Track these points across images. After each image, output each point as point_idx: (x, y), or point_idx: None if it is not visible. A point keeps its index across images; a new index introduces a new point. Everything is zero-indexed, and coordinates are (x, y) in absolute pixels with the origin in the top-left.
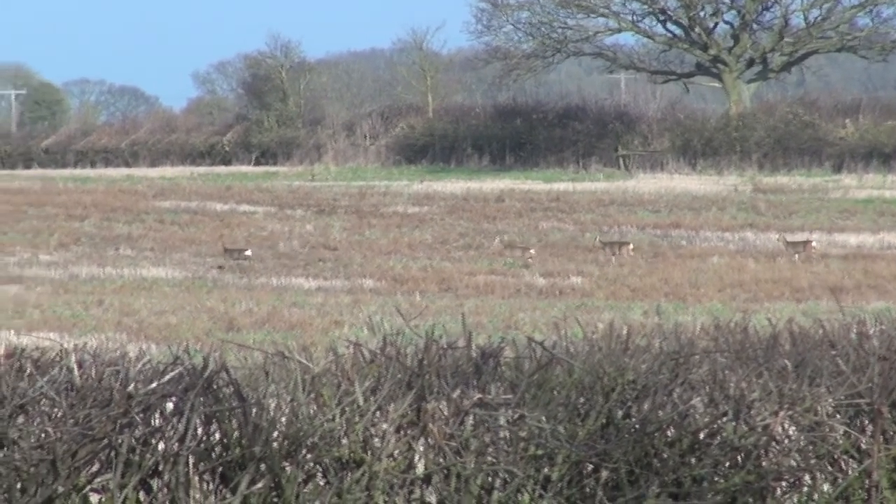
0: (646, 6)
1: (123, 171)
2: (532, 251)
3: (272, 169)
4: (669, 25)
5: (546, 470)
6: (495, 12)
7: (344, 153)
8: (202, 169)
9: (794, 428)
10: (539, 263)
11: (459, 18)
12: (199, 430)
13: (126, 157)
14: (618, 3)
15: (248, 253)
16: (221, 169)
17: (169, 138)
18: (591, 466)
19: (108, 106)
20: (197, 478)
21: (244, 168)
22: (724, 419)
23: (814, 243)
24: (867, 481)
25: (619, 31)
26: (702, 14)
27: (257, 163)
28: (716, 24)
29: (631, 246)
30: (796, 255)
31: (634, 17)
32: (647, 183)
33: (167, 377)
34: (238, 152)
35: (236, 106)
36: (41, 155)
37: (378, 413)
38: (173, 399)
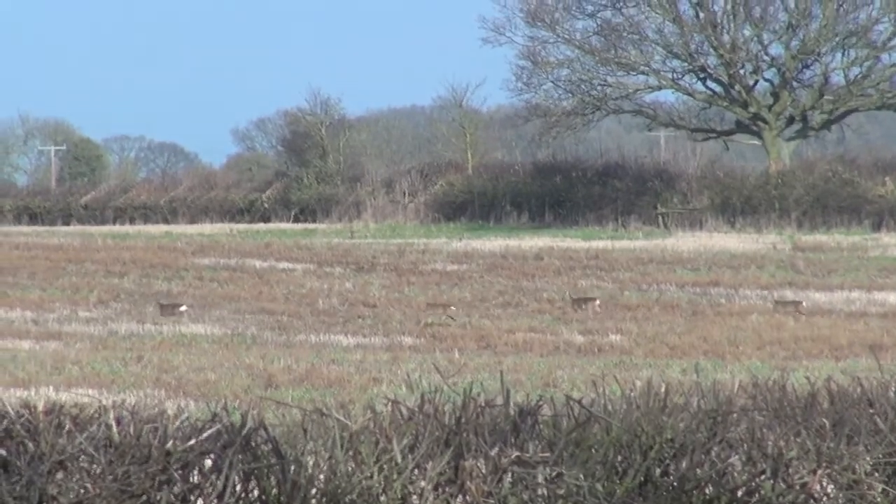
0: (686, 64)
1: (162, 227)
2: (452, 308)
3: (311, 226)
4: (709, 83)
5: None
6: (535, 70)
7: (383, 210)
8: (241, 226)
9: (832, 486)
10: (578, 321)
11: (500, 76)
12: (238, 487)
13: (165, 213)
14: (658, 61)
15: (183, 308)
16: (260, 226)
17: (208, 195)
18: None
19: (148, 162)
20: None
21: (283, 225)
22: (763, 477)
23: (803, 304)
24: None
25: (659, 88)
26: (742, 72)
27: (296, 220)
28: (756, 81)
29: (597, 302)
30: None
31: (674, 75)
32: (686, 241)
33: (206, 434)
34: (277, 209)
35: (276, 163)
36: (80, 211)
37: (416, 471)
38: (212, 456)
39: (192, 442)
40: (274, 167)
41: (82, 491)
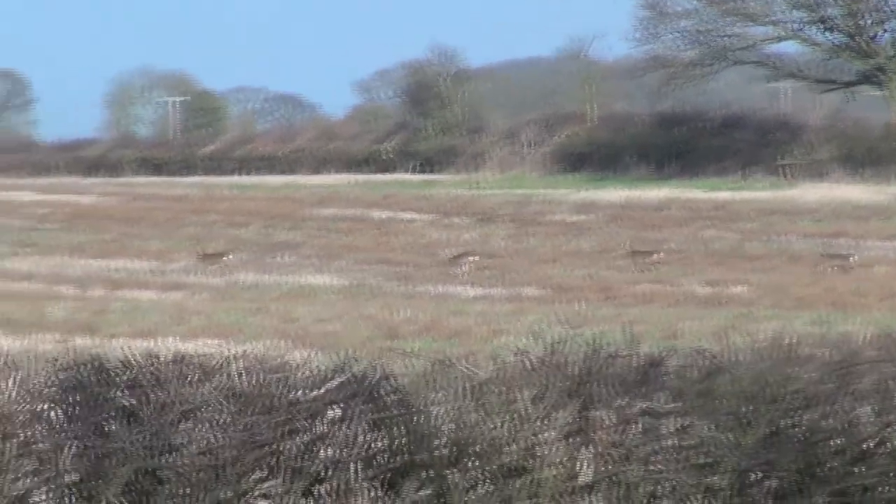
0: (808, 14)
1: (283, 178)
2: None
3: (432, 177)
4: (832, 34)
5: (712, 478)
6: (657, 20)
7: (505, 161)
8: (362, 177)
9: None
10: (701, 272)
11: (621, 26)
12: (364, 437)
13: (286, 164)
14: (780, 12)
15: (227, 258)
16: (382, 177)
17: (329, 146)
18: (757, 475)
19: (269, 114)
20: (362, 484)
21: (404, 176)
22: (892, 429)
23: (854, 257)
24: None
25: (782, 39)
26: (865, 22)
27: (418, 171)
28: (879, 32)
29: (660, 254)
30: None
31: (797, 26)
32: (809, 192)
33: (331, 384)
34: (398, 160)
35: (397, 114)
36: (202, 162)
37: (543, 421)
38: (338, 406)
39: (318, 392)
40: (395, 118)
41: (208, 441)
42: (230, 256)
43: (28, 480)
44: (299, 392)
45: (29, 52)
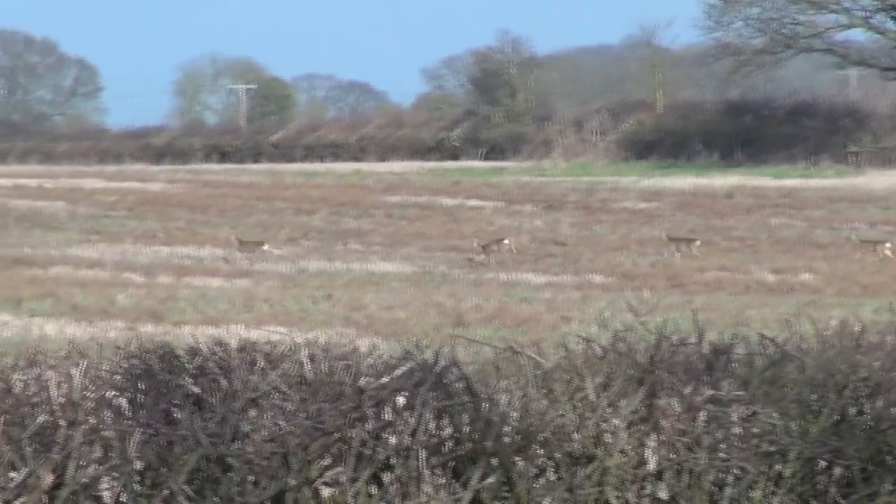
0: (877, 2)
1: (352, 165)
2: (505, 241)
3: (500, 164)
4: None
5: (778, 466)
6: (726, 8)
7: (572, 149)
8: (430, 164)
9: None
10: (769, 259)
11: (689, 14)
12: (431, 425)
13: (354, 151)
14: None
15: (266, 247)
16: (449, 164)
17: (397, 133)
18: (823, 463)
19: (337, 101)
20: (428, 472)
21: (472, 163)
22: None
23: (697, 243)
24: None
25: (850, 27)
26: None
27: (485, 158)
28: None
29: (698, 243)
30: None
31: (866, 13)
32: (877, 179)
33: (399, 371)
34: (466, 147)
35: (465, 101)
36: (270, 149)
37: (609, 409)
38: (405, 393)
39: (385, 379)
40: (463, 106)
41: (275, 428)
42: (267, 246)
43: (95, 468)
44: (366, 379)
45: (98, 39)
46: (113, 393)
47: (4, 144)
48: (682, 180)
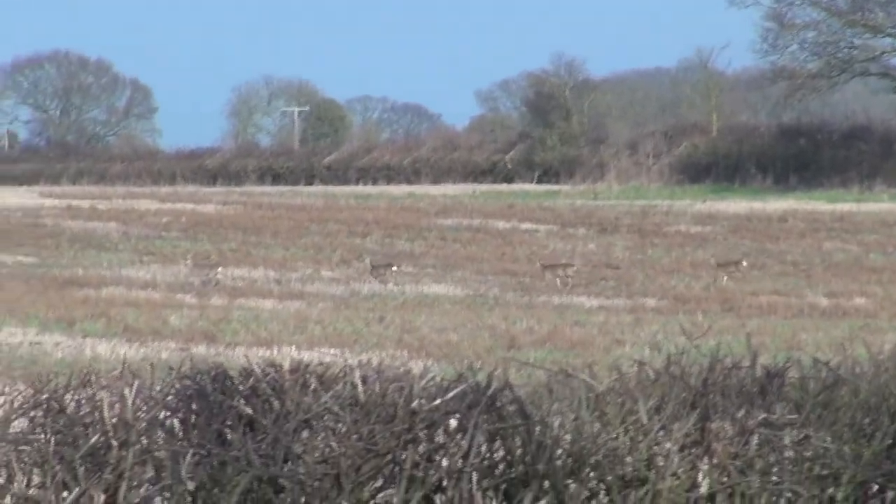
0: None
1: (405, 188)
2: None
3: (554, 187)
4: None
5: (831, 490)
6: (781, 32)
7: (627, 172)
8: (484, 187)
9: None
10: (822, 284)
11: (745, 37)
12: (483, 448)
13: (408, 174)
14: None
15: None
16: (503, 187)
17: (451, 156)
18: (876, 487)
19: (391, 123)
20: (480, 494)
21: (526, 186)
22: None
23: (744, 262)
24: None
25: None
26: None
27: (539, 181)
28: None
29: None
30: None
31: None
32: None
33: (451, 394)
34: (520, 170)
35: (519, 124)
36: (323, 171)
37: (662, 432)
38: (457, 416)
39: (438, 402)
40: (517, 128)
41: (327, 449)
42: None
43: (147, 488)
44: (419, 402)
45: (152, 60)
46: (165, 413)
47: (58, 165)
48: (736, 204)
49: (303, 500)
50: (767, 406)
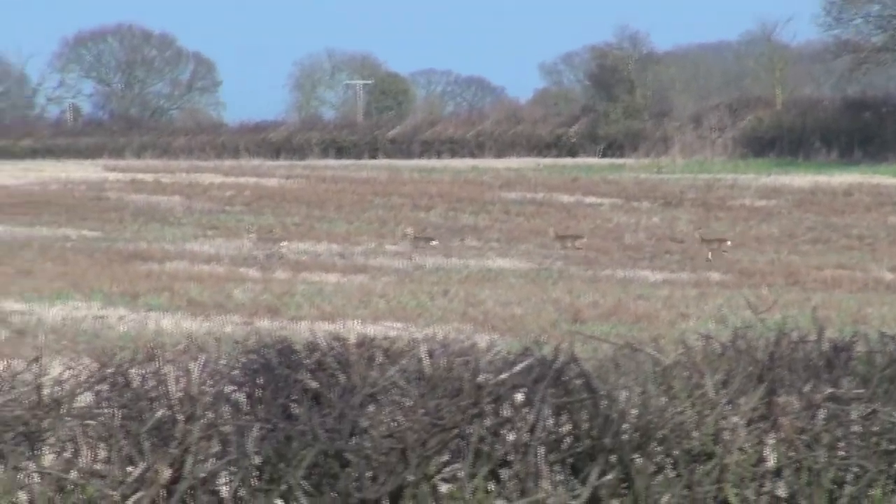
0: None
1: (469, 161)
2: (583, 239)
3: (618, 161)
4: None
5: None
6: (845, 5)
7: (691, 146)
8: (548, 160)
9: None
10: (888, 258)
11: (809, 10)
12: (549, 421)
13: (472, 147)
14: None
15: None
16: (567, 160)
17: (515, 129)
18: None
19: (454, 96)
20: (546, 468)
21: (590, 160)
22: None
23: (728, 242)
24: None
25: None
26: None
27: (603, 154)
28: None
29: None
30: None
31: None
32: None
33: (517, 368)
34: (584, 144)
35: (583, 97)
36: (387, 145)
37: (729, 406)
38: (523, 390)
39: (504, 375)
40: (581, 102)
41: (394, 424)
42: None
43: (213, 462)
44: (485, 376)
45: (215, 34)
46: (231, 388)
47: (121, 139)
48: (801, 178)
49: (369, 474)
50: (834, 380)
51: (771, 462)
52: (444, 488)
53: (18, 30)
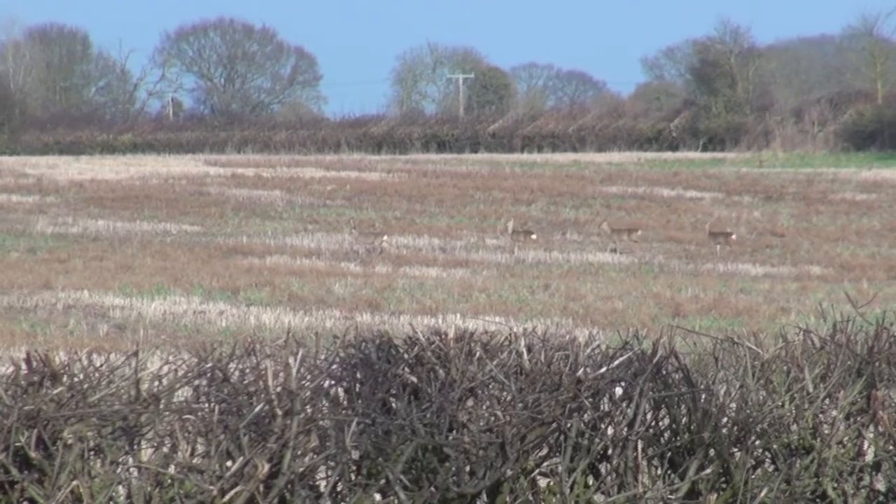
0: None
1: (570, 156)
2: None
3: (719, 155)
4: None
5: None
6: None
7: (792, 139)
8: (649, 154)
9: None
10: None
11: None
12: (649, 416)
13: (573, 142)
14: None
15: (640, 233)
16: (668, 155)
17: (616, 124)
18: None
19: (556, 91)
20: (645, 462)
21: (691, 154)
22: None
23: (733, 235)
24: None
25: None
26: None
27: (704, 148)
28: None
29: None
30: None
31: None
32: None
33: (617, 362)
34: (685, 138)
35: (684, 91)
36: (488, 139)
37: (828, 400)
38: (622, 384)
39: (604, 370)
40: (682, 96)
41: (492, 418)
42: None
43: (312, 457)
44: (584, 370)
45: (316, 28)
46: (330, 382)
47: (222, 133)
48: None
49: (467, 468)
50: None
51: (869, 456)
52: (542, 483)
53: (119, 25)
